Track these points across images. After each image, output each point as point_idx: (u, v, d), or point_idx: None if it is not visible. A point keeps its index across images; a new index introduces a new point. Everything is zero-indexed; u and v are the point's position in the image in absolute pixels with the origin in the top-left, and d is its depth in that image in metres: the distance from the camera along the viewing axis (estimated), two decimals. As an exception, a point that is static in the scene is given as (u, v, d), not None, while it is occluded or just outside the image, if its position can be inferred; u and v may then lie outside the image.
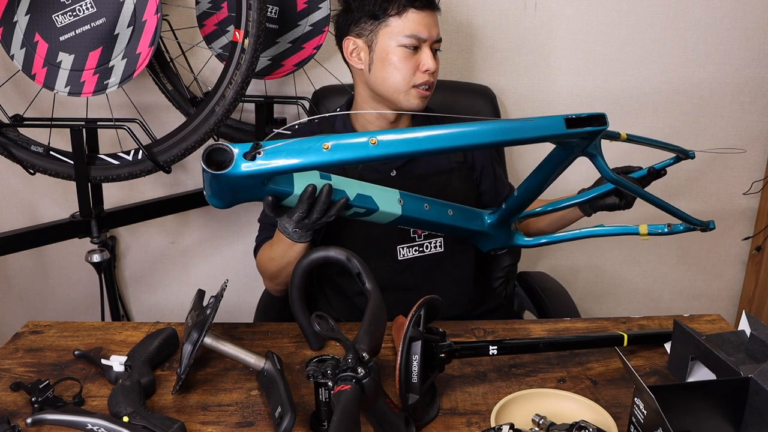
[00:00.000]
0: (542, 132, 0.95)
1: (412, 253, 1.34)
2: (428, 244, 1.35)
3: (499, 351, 1.03)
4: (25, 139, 1.48)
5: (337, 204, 1.05)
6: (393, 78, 1.27)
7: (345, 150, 0.92)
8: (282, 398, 0.91)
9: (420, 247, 1.35)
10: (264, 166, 0.91)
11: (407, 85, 1.27)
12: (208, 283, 1.81)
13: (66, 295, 2.04)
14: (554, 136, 0.96)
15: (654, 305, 2.18)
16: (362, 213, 1.10)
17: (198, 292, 1.10)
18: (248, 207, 1.95)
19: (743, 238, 2.09)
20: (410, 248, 1.34)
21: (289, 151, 0.91)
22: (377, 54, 1.27)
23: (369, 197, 1.09)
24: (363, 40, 1.29)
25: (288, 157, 0.91)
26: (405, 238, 1.33)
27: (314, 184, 1.02)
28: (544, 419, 0.91)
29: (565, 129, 0.95)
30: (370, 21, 1.27)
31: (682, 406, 0.86)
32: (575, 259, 2.11)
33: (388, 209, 1.11)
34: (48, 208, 1.91)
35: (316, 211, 1.04)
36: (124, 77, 1.41)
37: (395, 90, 1.28)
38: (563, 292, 1.54)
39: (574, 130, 0.95)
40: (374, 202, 1.09)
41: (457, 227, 1.22)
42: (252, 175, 0.91)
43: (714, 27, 1.86)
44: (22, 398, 0.99)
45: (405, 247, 1.34)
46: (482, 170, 1.44)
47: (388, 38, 1.26)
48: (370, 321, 0.93)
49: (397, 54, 1.26)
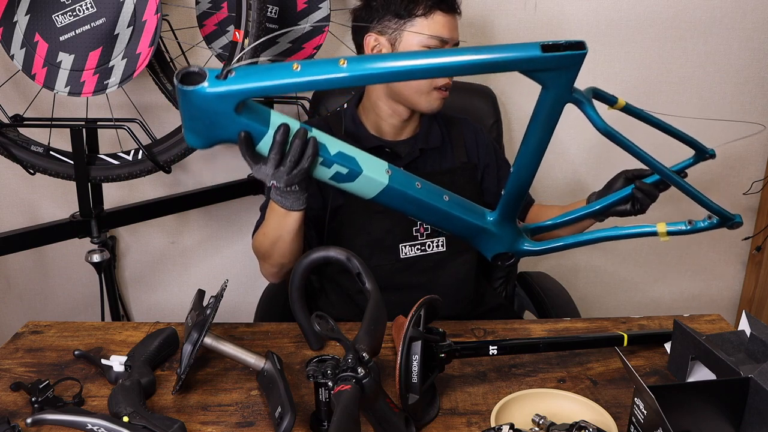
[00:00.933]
0: (517, 54, 0.89)
1: (415, 251, 1.35)
2: (431, 243, 1.35)
3: (499, 351, 1.03)
4: (25, 139, 1.48)
5: (309, 145, 0.98)
6: None
7: (314, 68, 0.90)
8: (282, 398, 0.91)
9: (423, 246, 1.35)
10: (234, 87, 0.89)
11: (430, 86, 1.28)
12: (208, 283, 1.82)
13: (66, 295, 2.04)
14: (529, 60, 0.90)
15: (654, 305, 2.18)
16: (344, 175, 1.03)
17: (198, 292, 1.10)
18: (248, 207, 1.96)
19: (743, 238, 2.09)
20: (413, 246, 1.34)
21: (260, 72, 0.90)
22: None
23: (352, 158, 1.02)
24: (386, 37, 1.29)
25: (258, 78, 0.89)
26: (408, 236, 1.34)
27: (287, 124, 0.98)
28: (544, 419, 0.91)
29: (540, 52, 0.89)
30: (395, 19, 1.27)
31: (682, 406, 0.86)
32: (576, 260, 2.11)
33: (373, 175, 1.03)
34: (48, 208, 1.91)
35: (290, 154, 0.98)
36: (124, 77, 1.41)
37: (417, 90, 1.28)
38: (563, 292, 1.54)
39: (549, 54, 0.89)
40: (357, 164, 1.02)
41: (452, 216, 1.11)
42: (223, 95, 0.89)
43: (714, 27, 1.86)
44: (22, 398, 0.99)
45: (408, 245, 1.34)
46: (485, 168, 1.45)
47: (412, 38, 1.26)
48: (370, 321, 0.93)
49: None
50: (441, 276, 1.37)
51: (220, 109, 0.91)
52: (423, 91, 1.28)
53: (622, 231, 1.13)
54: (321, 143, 1.00)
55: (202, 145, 0.98)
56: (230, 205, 1.94)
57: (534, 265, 2.07)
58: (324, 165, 1.01)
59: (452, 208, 1.10)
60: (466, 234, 1.16)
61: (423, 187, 1.08)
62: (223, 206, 1.92)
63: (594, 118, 0.99)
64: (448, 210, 1.10)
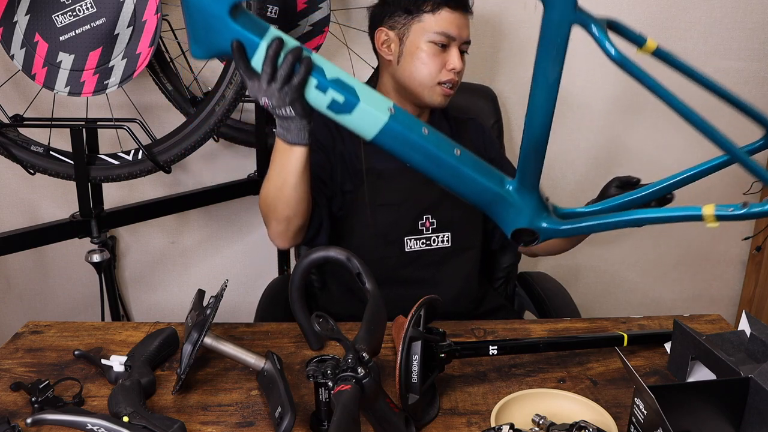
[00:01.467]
0: None
1: (420, 245, 1.35)
2: (436, 238, 1.36)
3: (499, 351, 1.03)
4: (25, 139, 1.48)
5: (303, 63, 0.96)
6: (420, 72, 1.29)
7: None
8: (282, 398, 0.91)
9: (428, 241, 1.36)
10: None
11: (433, 81, 1.29)
12: (208, 283, 1.82)
13: (66, 295, 2.04)
14: None
15: (654, 305, 2.18)
16: (341, 105, 0.98)
17: (198, 292, 1.10)
18: (248, 207, 1.96)
19: (743, 238, 2.09)
20: (418, 240, 1.35)
21: None
22: (407, 47, 1.29)
23: (351, 87, 0.98)
24: (395, 32, 1.31)
25: None
26: (413, 229, 1.34)
27: (282, 38, 0.97)
28: (544, 419, 0.91)
29: None
30: (404, 15, 1.29)
31: (682, 406, 0.86)
32: (576, 260, 2.11)
33: (372, 109, 0.98)
34: (48, 208, 1.91)
35: (281, 69, 0.96)
36: (124, 77, 1.41)
37: (420, 84, 1.30)
38: (563, 292, 1.54)
39: None
40: (356, 94, 0.98)
41: (464, 174, 1.01)
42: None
43: (714, 27, 1.86)
44: (22, 398, 0.99)
45: (413, 238, 1.35)
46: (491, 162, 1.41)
47: (420, 33, 1.28)
48: (370, 321, 0.93)
49: (426, 50, 1.28)
50: (445, 271, 1.37)
51: (214, 10, 0.93)
52: (426, 85, 1.30)
53: (661, 213, 1.00)
54: (317, 65, 0.98)
55: (203, 54, 0.98)
56: (230, 205, 1.94)
57: (534, 266, 2.08)
58: (319, 90, 0.98)
59: (464, 164, 1.01)
60: (481, 201, 1.04)
61: (431, 135, 1.01)
62: (223, 206, 1.92)
63: (603, 42, 0.89)
64: (458, 166, 1.01)
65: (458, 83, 1.33)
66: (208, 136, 1.48)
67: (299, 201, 1.17)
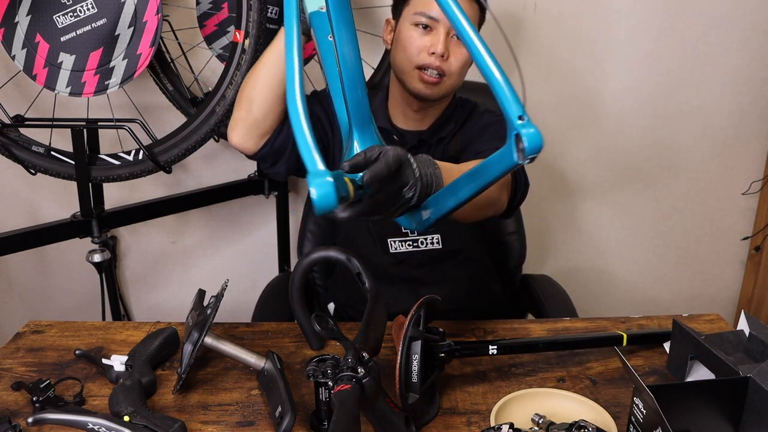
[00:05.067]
0: None
1: (406, 247, 1.35)
2: (423, 240, 1.35)
3: (499, 351, 1.04)
4: (26, 140, 1.48)
5: None
6: (400, 57, 1.25)
7: None
8: (282, 398, 0.91)
9: (414, 243, 1.35)
10: None
11: (411, 64, 1.23)
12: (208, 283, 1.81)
13: (67, 295, 2.04)
14: None
15: (654, 305, 2.18)
16: None
17: (198, 292, 1.10)
18: (248, 207, 1.96)
19: (742, 238, 2.10)
20: (403, 242, 1.34)
21: None
22: (396, 33, 1.28)
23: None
24: (395, 21, 1.30)
25: None
26: (397, 232, 1.33)
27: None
28: (544, 419, 0.91)
29: None
30: (402, 2, 1.28)
31: (681, 406, 0.86)
32: (576, 260, 2.11)
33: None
34: (49, 208, 1.92)
35: None
36: (124, 77, 1.41)
37: (401, 69, 1.26)
38: (563, 296, 1.53)
39: None
40: None
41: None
42: None
43: (714, 27, 1.87)
44: (23, 398, 0.99)
45: (397, 240, 1.34)
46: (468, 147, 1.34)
47: (406, 16, 1.25)
48: (370, 321, 0.94)
49: (407, 32, 1.23)
50: (438, 271, 1.37)
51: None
52: (405, 69, 1.24)
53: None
54: None
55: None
56: (230, 205, 1.94)
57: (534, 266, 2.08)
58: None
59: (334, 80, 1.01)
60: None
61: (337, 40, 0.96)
62: (223, 206, 1.93)
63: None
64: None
65: (448, 73, 1.22)
66: (208, 136, 1.49)
67: (268, 90, 1.19)
